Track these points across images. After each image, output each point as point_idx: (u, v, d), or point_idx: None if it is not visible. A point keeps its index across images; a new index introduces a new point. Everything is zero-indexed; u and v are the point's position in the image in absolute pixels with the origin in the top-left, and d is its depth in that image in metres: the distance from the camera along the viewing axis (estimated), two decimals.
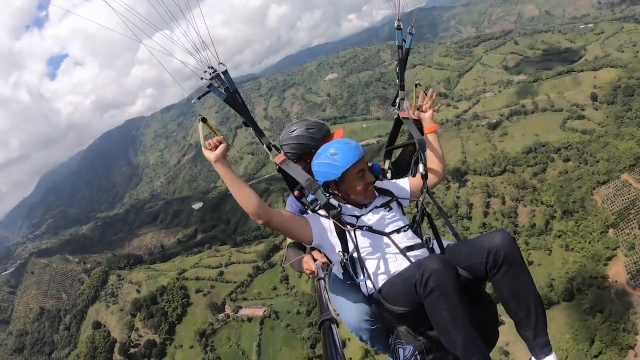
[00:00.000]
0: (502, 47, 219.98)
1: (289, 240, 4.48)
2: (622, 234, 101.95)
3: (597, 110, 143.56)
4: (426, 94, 4.85)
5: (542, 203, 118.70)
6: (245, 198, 3.60)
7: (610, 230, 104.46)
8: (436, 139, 4.60)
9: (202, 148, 3.65)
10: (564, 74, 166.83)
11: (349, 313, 3.90)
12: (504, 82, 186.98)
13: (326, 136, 4.63)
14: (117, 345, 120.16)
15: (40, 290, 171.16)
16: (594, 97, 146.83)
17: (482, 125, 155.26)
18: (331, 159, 3.88)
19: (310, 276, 4.02)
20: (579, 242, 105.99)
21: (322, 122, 4.82)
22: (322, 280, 3.43)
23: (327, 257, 4.05)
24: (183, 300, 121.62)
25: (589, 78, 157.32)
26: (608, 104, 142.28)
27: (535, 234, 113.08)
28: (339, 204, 3.83)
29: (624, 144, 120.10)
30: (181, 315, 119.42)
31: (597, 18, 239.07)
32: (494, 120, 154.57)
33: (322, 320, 2.29)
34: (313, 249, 4.21)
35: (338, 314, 3.86)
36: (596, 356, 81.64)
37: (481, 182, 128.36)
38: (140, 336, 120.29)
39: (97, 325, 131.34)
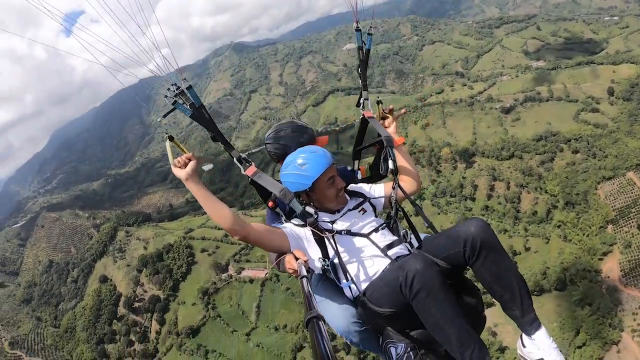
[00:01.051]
0: (524, 31, 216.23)
1: None
2: (620, 231, 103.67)
3: (612, 105, 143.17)
4: (384, 111, 5.21)
5: (546, 192, 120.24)
6: (220, 214, 3.67)
7: (609, 226, 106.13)
8: (405, 152, 4.74)
9: (172, 167, 3.73)
10: (583, 65, 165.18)
11: (337, 317, 3.95)
12: (522, 67, 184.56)
13: (310, 141, 4.76)
14: (123, 299, 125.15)
15: (49, 243, 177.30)
16: (611, 92, 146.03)
17: (496, 109, 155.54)
18: (300, 170, 3.97)
19: (294, 275, 3.93)
20: (577, 234, 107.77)
21: (308, 125, 4.99)
22: (305, 279, 3.44)
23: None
24: (188, 259, 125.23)
25: (608, 72, 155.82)
26: (624, 100, 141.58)
27: (535, 221, 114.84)
28: (315, 212, 3.95)
29: (634, 142, 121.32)
30: (186, 273, 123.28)
31: (623, 11, 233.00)
32: (508, 105, 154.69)
33: (309, 318, 2.32)
34: None
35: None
36: (580, 347, 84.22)
37: (488, 164, 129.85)
38: (145, 291, 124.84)
39: (104, 279, 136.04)
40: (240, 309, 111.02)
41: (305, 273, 3.45)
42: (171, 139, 3.71)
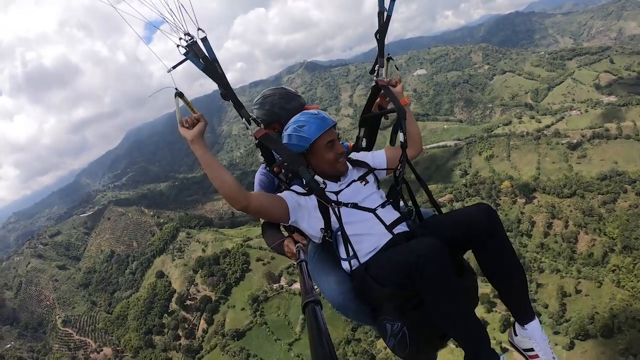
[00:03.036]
0: (597, 64, 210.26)
1: (262, 220, 4.44)
2: None
3: None
4: (397, 68, 4.91)
5: (604, 234, 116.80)
6: (223, 181, 3.53)
7: None
8: (410, 113, 4.49)
9: (178, 126, 3.61)
10: None
11: (333, 291, 3.87)
12: (592, 102, 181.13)
13: (299, 109, 4.69)
14: (176, 295, 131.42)
15: (113, 235, 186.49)
16: None
17: (562, 144, 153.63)
18: (299, 131, 3.93)
19: (292, 259, 3.96)
20: (631, 281, 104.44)
21: (298, 94, 4.99)
22: (303, 263, 3.40)
23: (304, 235, 4.10)
24: (243, 266, 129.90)
25: None
26: None
27: (590, 263, 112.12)
28: (323, 181, 3.83)
29: None
30: (239, 279, 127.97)
31: None
32: (575, 141, 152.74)
33: (306, 302, 2.27)
34: (293, 231, 4.15)
35: (321, 293, 3.99)
36: None
37: (548, 201, 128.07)
38: (198, 291, 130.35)
39: (161, 274, 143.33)
40: (287, 319, 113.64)
41: (303, 257, 3.56)
42: (180, 95, 3.57)
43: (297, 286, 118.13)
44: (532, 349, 3.54)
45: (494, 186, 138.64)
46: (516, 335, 3.65)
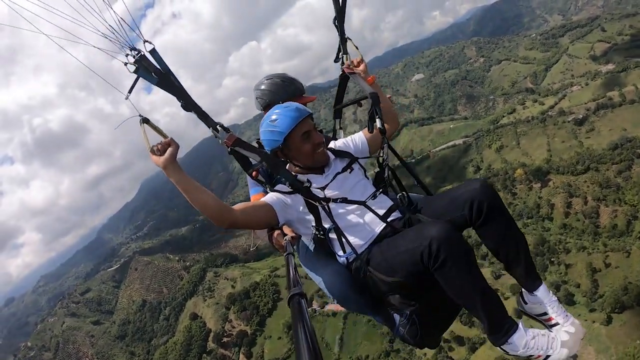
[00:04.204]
0: (589, 35, 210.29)
1: None
2: None
3: None
4: (357, 47, 4.67)
5: (625, 203, 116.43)
6: (204, 203, 3.35)
7: None
8: (379, 89, 4.34)
9: (149, 154, 3.34)
10: None
11: (333, 284, 3.78)
12: (592, 74, 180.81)
13: (296, 94, 4.85)
14: (212, 334, 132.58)
15: (142, 284, 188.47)
16: None
17: (569, 122, 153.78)
18: (272, 126, 3.77)
19: (280, 251, 4.02)
20: None
21: (297, 80, 4.99)
22: (291, 255, 3.43)
23: (295, 232, 4.07)
24: (274, 296, 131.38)
25: None
26: None
27: (615, 235, 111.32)
28: (307, 180, 3.74)
29: None
30: (272, 309, 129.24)
31: None
32: (581, 116, 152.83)
33: (292, 295, 2.28)
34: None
35: (321, 290, 4.31)
36: None
37: (563, 181, 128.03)
38: (233, 327, 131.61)
39: (194, 316, 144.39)
40: (324, 341, 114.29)
41: (291, 250, 3.57)
42: (147, 121, 3.33)
43: (329, 307, 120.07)
44: (545, 313, 3.59)
45: (507, 176, 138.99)
46: (526, 302, 3.69)
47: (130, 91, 3.35)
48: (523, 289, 3.62)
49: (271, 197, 3.71)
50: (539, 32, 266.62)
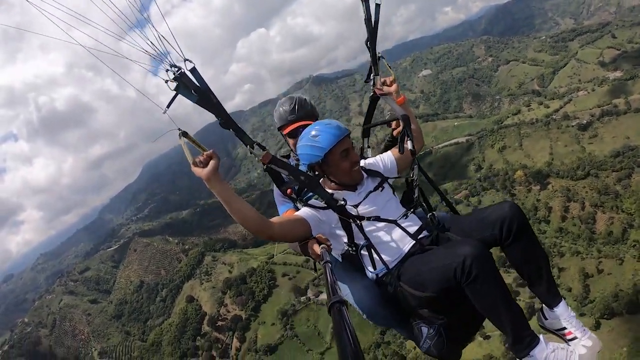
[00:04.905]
0: (599, 41, 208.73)
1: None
2: None
3: None
4: (389, 66, 4.78)
5: (622, 210, 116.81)
6: (244, 215, 3.50)
7: None
8: (409, 110, 4.46)
9: (191, 166, 3.47)
10: None
11: (362, 298, 3.93)
12: (599, 80, 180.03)
13: (309, 117, 4.96)
14: (207, 317, 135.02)
15: (141, 266, 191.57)
16: None
17: (572, 126, 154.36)
18: (312, 141, 3.89)
19: (317, 260, 3.84)
20: None
21: (307, 101, 5.13)
22: (328, 264, 3.22)
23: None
24: (270, 282, 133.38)
25: None
26: None
27: (610, 242, 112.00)
28: (342, 198, 3.84)
29: None
30: (267, 296, 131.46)
31: None
32: (585, 121, 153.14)
33: (332, 303, 2.24)
34: None
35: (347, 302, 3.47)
36: None
37: (563, 185, 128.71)
38: (228, 311, 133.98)
39: (191, 299, 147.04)
40: (316, 329, 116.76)
41: (328, 258, 3.44)
42: (185, 134, 3.40)
43: (324, 297, 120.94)
44: (564, 328, 3.74)
45: (507, 177, 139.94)
46: (546, 319, 3.85)
47: (168, 106, 3.41)
48: (544, 305, 3.88)
49: (306, 212, 3.91)
50: (549, 35, 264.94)
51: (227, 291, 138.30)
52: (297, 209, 4.11)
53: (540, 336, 3.43)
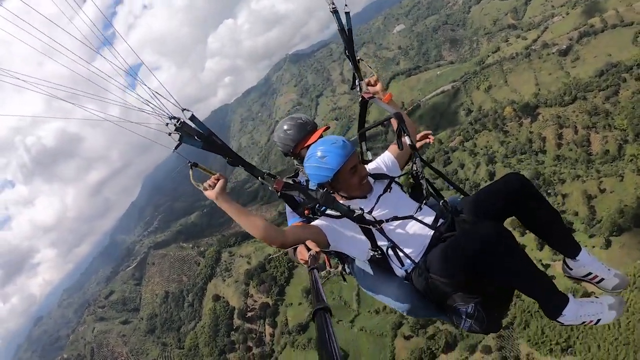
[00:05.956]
0: None
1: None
2: None
3: None
4: (370, 67, 5.02)
5: (615, 128, 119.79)
6: (255, 226, 3.77)
7: None
8: (396, 106, 4.72)
9: (202, 190, 3.84)
10: None
11: (398, 299, 4.07)
12: (572, 2, 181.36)
13: (309, 134, 4.99)
14: (236, 311, 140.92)
15: (162, 277, 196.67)
16: None
17: (553, 53, 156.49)
18: (321, 162, 3.98)
19: (305, 265, 3.78)
20: None
21: (304, 121, 5.09)
22: (315, 270, 3.30)
23: (344, 255, 4.41)
24: (288, 264, 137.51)
25: None
26: None
27: (608, 160, 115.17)
28: (359, 207, 3.95)
29: None
30: (288, 278, 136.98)
31: None
32: (564, 46, 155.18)
33: (317, 309, 2.26)
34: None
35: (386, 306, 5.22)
36: None
37: (552, 114, 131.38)
38: (255, 301, 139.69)
39: (217, 297, 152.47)
40: (342, 300, 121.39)
41: (315, 265, 3.51)
42: (195, 165, 3.75)
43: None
44: (589, 273, 4.01)
45: (497, 115, 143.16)
46: (571, 269, 4.07)
47: (176, 148, 3.72)
48: (565, 258, 4.09)
49: (322, 222, 4.06)
50: None
51: (249, 282, 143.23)
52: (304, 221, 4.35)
53: (569, 295, 3.71)
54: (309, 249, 3.83)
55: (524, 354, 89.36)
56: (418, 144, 4.95)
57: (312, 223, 4.09)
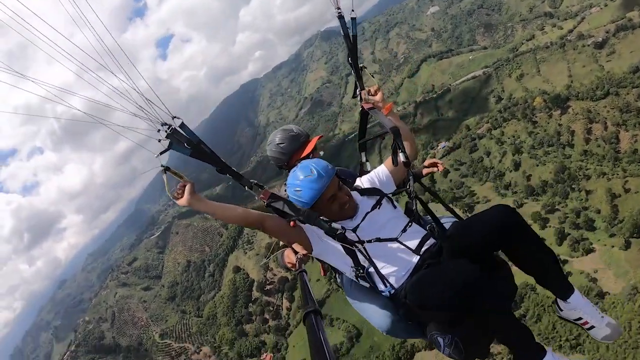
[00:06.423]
0: None
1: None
2: None
3: None
4: (373, 76, 4.90)
5: None
6: (232, 216, 3.88)
7: None
8: (397, 117, 4.51)
9: (171, 198, 3.81)
10: None
11: (380, 318, 4.00)
12: None
13: (301, 146, 4.85)
14: (255, 284, 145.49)
15: (185, 246, 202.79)
16: None
17: (588, 45, 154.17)
18: (297, 195, 3.88)
19: (292, 269, 4.01)
20: None
21: (297, 133, 4.94)
22: (303, 273, 3.31)
23: (333, 265, 4.16)
24: None
25: None
26: None
27: (635, 160, 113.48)
28: (342, 227, 3.80)
29: None
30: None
31: None
32: (600, 39, 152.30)
33: (307, 312, 2.24)
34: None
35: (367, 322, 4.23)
36: None
37: (583, 107, 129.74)
38: (274, 275, 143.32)
39: (237, 269, 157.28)
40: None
41: (303, 267, 3.51)
42: (168, 169, 3.73)
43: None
44: (580, 318, 3.79)
45: (527, 105, 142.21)
46: (562, 310, 3.86)
47: (162, 153, 3.72)
48: (556, 298, 3.87)
49: (309, 228, 3.97)
50: None
51: (270, 255, 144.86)
52: None
53: (549, 349, 3.60)
54: (296, 253, 3.97)
55: None
56: (425, 171, 5.00)
57: (302, 226, 3.99)
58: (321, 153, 4.98)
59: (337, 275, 4.66)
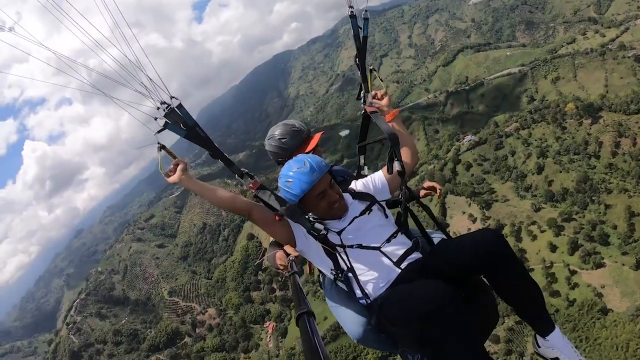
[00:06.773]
0: None
1: (271, 239, 4.53)
2: None
3: None
4: (381, 79, 4.77)
5: None
6: (219, 199, 3.91)
7: None
8: (401, 125, 4.49)
9: (164, 176, 3.97)
10: None
11: (353, 324, 3.91)
12: None
13: (303, 142, 4.84)
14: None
15: (202, 209, 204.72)
16: None
17: (629, 57, 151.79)
18: (287, 186, 3.87)
19: (284, 272, 4.08)
20: None
21: (299, 128, 4.91)
22: (296, 275, 3.43)
23: (315, 264, 4.11)
24: None
25: None
26: None
27: None
28: (325, 228, 3.80)
29: None
30: None
31: None
32: None
33: (300, 313, 2.29)
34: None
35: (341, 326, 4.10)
36: None
37: (615, 120, 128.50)
38: None
39: (251, 237, 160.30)
40: None
41: (295, 269, 3.68)
42: (163, 147, 3.81)
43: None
44: (557, 358, 3.67)
45: (559, 110, 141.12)
46: (539, 347, 3.77)
47: (159, 132, 3.80)
48: (535, 334, 3.79)
49: (295, 225, 3.93)
50: None
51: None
52: None
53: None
54: (287, 255, 4.10)
55: (529, 352, 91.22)
56: (422, 192, 4.86)
57: (289, 221, 3.96)
58: (346, 132, 4.71)
59: (320, 275, 4.57)
